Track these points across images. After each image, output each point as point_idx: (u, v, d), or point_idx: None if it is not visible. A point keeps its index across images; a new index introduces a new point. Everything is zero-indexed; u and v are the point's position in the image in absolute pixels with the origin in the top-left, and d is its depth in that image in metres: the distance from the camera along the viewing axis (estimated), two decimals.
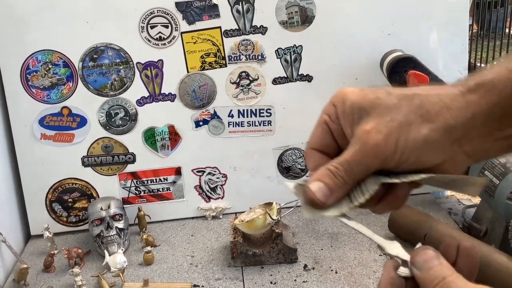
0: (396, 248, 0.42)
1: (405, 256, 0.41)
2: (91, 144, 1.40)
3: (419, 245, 0.42)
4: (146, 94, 1.38)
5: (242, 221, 1.19)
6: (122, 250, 1.24)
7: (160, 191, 1.45)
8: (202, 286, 1.15)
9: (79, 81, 1.35)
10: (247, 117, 1.41)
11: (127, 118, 1.39)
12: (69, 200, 1.42)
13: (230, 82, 1.38)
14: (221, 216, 1.46)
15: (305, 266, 1.19)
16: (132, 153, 1.41)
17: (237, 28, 1.34)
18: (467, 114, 0.41)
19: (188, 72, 1.37)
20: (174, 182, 1.45)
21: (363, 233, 0.46)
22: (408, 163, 0.43)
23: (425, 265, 0.39)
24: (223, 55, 1.36)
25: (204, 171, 1.45)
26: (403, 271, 0.41)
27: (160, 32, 1.33)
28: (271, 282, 1.14)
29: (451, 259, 0.40)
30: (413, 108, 0.42)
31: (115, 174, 1.42)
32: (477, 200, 1.38)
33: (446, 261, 0.39)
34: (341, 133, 0.46)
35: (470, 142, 0.43)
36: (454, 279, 0.37)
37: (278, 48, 1.37)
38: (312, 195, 0.44)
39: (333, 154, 0.46)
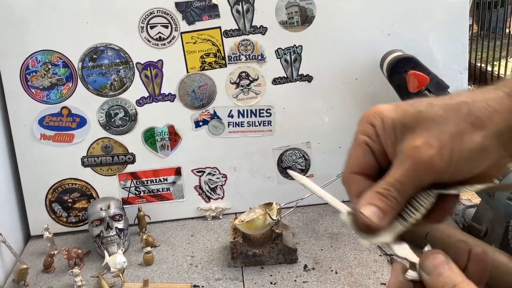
0: (404, 250, 0.41)
1: (414, 258, 0.40)
2: (91, 144, 1.40)
3: (428, 247, 0.41)
4: (146, 94, 1.37)
5: (242, 221, 1.19)
6: (122, 250, 1.24)
7: (160, 191, 1.45)
8: (202, 286, 1.15)
9: (79, 81, 1.35)
10: (247, 117, 1.41)
11: (127, 118, 1.39)
12: (69, 200, 1.42)
13: (230, 82, 1.38)
14: (221, 217, 1.46)
15: (305, 266, 1.19)
16: (132, 153, 1.41)
17: (237, 28, 1.34)
18: (510, 120, 0.40)
19: (188, 72, 1.37)
20: (174, 183, 1.45)
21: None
22: (462, 173, 0.41)
23: (435, 270, 0.38)
24: (223, 55, 1.36)
25: (204, 171, 1.45)
26: (411, 274, 0.40)
27: (160, 32, 1.33)
28: (271, 283, 1.14)
29: (461, 264, 0.39)
30: (462, 117, 0.40)
31: (115, 174, 1.42)
32: (477, 200, 1.38)
33: (456, 267, 0.38)
34: (383, 154, 0.44)
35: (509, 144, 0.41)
36: (465, 287, 0.36)
37: (278, 48, 1.37)
38: (366, 220, 0.41)
39: (374, 176, 0.44)
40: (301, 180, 0.47)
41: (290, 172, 0.48)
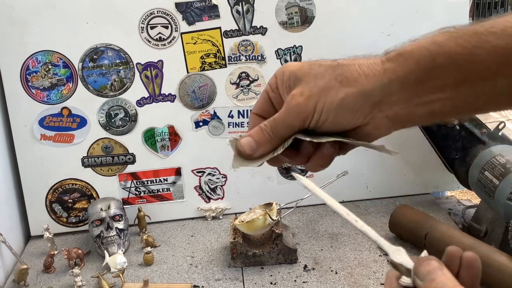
0: (400, 255, 0.41)
1: (409, 264, 0.40)
2: (91, 145, 1.40)
3: (424, 253, 0.41)
4: (146, 94, 1.38)
5: (242, 221, 1.19)
6: (122, 250, 1.24)
7: (160, 192, 1.45)
8: (202, 286, 1.15)
9: (79, 82, 1.35)
10: (247, 117, 1.41)
11: (127, 118, 1.39)
12: (69, 200, 1.42)
13: (230, 83, 1.38)
14: (221, 217, 1.46)
15: (305, 266, 1.19)
16: (132, 153, 1.41)
17: (237, 28, 1.34)
18: (383, 80, 0.46)
19: (188, 72, 1.37)
20: (174, 183, 1.45)
21: (366, 233, 0.47)
22: (327, 123, 0.48)
23: (428, 276, 0.38)
24: (223, 55, 1.36)
25: (204, 172, 1.45)
26: (405, 280, 0.40)
27: (160, 33, 1.33)
28: (271, 283, 1.14)
29: (454, 269, 0.40)
30: (334, 75, 0.48)
31: (115, 175, 1.42)
32: (477, 200, 1.38)
33: (449, 272, 0.38)
34: (280, 101, 0.52)
35: (391, 107, 0.47)
36: None
37: (278, 49, 1.37)
38: (241, 148, 0.51)
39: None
40: (303, 182, 0.52)
41: (294, 174, 0.54)
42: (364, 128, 0.49)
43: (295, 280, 1.14)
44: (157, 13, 1.32)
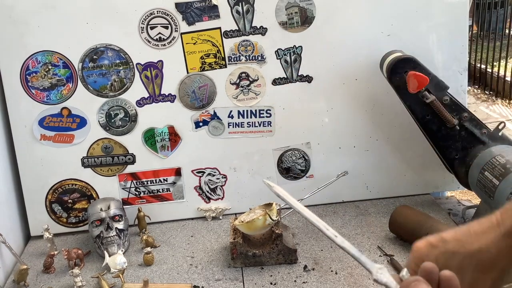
0: (383, 275, 0.42)
1: (393, 284, 0.42)
2: (91, 145, 1.40)
3: (405, 271, 0.42)
4: (146, 95, 1.38)
5: (242, 221, 1.19)
6: (122, 251, 1.24)
7: (160, 192, 1.45)
8: (202, 287, 1.15)
9: (79, 82, 1.35)
10: (247, 118, 1.41)
11: (127, 119, 1.39)
12: (69, 201, 1.42)
13: (230, 83, 1.38)
14: (221, 217, 1.46)
15: (305, 267, 1.19)
16: (132, 154, 1.41)
17: (237, 28, 1.34)
18: (506, 260, 0.47)
19: (188, 73, 1.37)
20: (174, 183, 1.45)
21: (346, 249, 0.45)
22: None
23: None
24: (223, 55, 1.36)
25: (204, 172, 1.45)
26: None
27: (160, 33, 1.33)
28: (271, 283, 1.14)
29: (433, 286, 0.42)
30: (474, 268, 0.47)
31: (115, 175, 1.42)
32: (477, 201, 1.38)
33: None
34: None
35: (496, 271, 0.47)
36: None
37: (278, 49, 1.37)
38: None
39: None
40: (277, 191, 0.50)
41: (265, 181, 0.50)
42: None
43: (295, 281, 1.14)
44: (157, 13, 1.32)
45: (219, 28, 1.34)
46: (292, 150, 1.44)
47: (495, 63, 3.78)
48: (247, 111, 1.41)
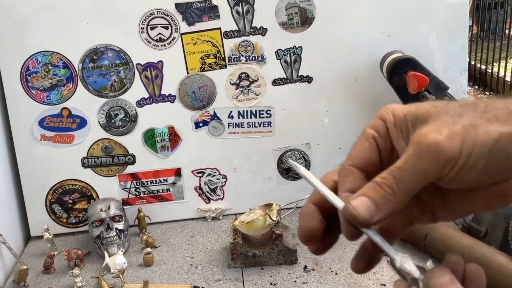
0: (408, 264, 0.38)
1: (417, 273, 0.38)
2: (91, 145, 1.40)
3: (429, 262, 0.39)
4: (146, 95, 1.38)
5: (242, 222, 1.19)
6: (122, 251, 1.24)
7: (160, 192, 1.45)
8: (202, 287, 1.15)
9: (79, 82, 1.35)
10: (247, 118, 1.41)
11: (127, 119, 1.39)
12: (69, 201, 1.42)
13: (230, 83, 1.38)
14: (221, 217, 1.46)
15: (305, 267, 1.19)
16: (132, 154, 1.41)
17: (237, 29, 1.34)
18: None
19: (188, 73, 1.37)
20: (174, 183, 1.45)
21: (370, 235, 0.40)
22: (473, 172, 0.36)
23: None
24: (223, 56, 1.36)
25: (204, 172, 1.45)
26: None
27: (160, 33, 1.33)
28: (271, 283, 1.14)
29: (458, 280, 0.37)
30: (478, 113, 0.37)
31: (115, 175, 1.42)
32: None
33: (461, 286, 0.35)
34: (389, 152, 0.40)
35: None
36: None
37: (278, 49, 1.37)
38: (354, 212, 0.37)
39: (373, 175, 0.39)
40: (303, 173, 0.44)
41: (291, 162, 0.44)
42: (502, 186, 0.38)
43: (295, 281, 1.14)
44: (157, 13, 1.32)
45: (219, 28, 1.34)
46: (292, 150, 1.45)
47: (495, 64, 3.78)
48: (247, 111, 1.41)
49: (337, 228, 0.42)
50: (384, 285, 1.10)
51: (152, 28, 1.33)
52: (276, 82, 1.39)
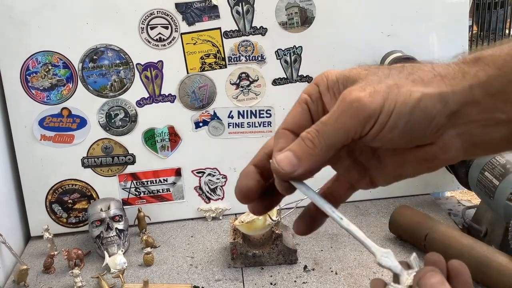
0: (389, 259, 0.38)
1: (397, 269, 0.38)
2: (91, 145, 1.40)
3: (412, 256, 0.39)
4: (146, 95, 1.38)
5: (242, 222, 1.19)
6: (122, 251, 1.24)
7: (160, 192, 1.45)
8: (202, 287, 1.15)
9: (79, 82, 1.35)
10: (247, 118, 1.41)
11: (127, 119, 1.39)
12: (69, 201, 1.42)
13: (230, 83, 1.38)
14: (221, 217, 1.46)
15: (305, 267, 1.19)
16: (132, 154, 1.41)
17: (237, 29, 1.34)
18: (463, 84, 0.37)
19: (188, 73, 1.37)
20: (174, 183, 1.45)
21: (352, 232, 0.40)
22: (396, 131, 0.37)
23: None
24: (223, 56, 1.36)
25: (204, 172, 1.45)
26: (394, 287, 0.37)
27: (160, 33, 1.33)
28: (271, 283, 1.14)
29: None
30: (404, 74, 0.38)
31: (115, 175, 1.42)
32: (477, 201, 1.38)
33: (450, 287, 0.35)
34: (322, 114, 0.41)
35: (466, 123, 0.38)
36: None
37: (278, 49, 1.37)
38: (277, 166, 0.39)
39: None
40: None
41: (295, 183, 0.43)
42: (428, 149, 0.39)
43: (295, 281, 1.14)
44: (157, 13, 1.32)
45: (219, 28, 1.34)
46: None
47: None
48: (247, 111, 1.41)
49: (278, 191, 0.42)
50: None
51: (152, 28, 1.33)
52: (276, 82, 1.39)
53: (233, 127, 1.42)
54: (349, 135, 0.38)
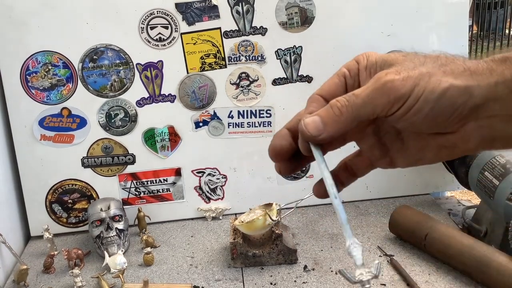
0: (356, 249, 0.41)
1: (359, 261, 0.41)
2: (91, 145, 1.40)
3: (377, 262, 0.41)
4: (146, 95, 1.38)
5: (242, 222, 1.19)
6: (122, 251, 1.24)
7: (160, 192, 1.45)
8: (202, 287, 1.15)
9: (79, 82, 1.35)
10: (247, 118, 1.41)
11: (127, 119, 1.39)
12: (69, 201, 1.42)
13: (230, 83, 1.38)
14: (221, 217, 1.46)
15: (305, 267, 1.19)
16: (132, 154, 1.41)
17: (237, 29, 1.34)
18: (489, 80, 0.39)
19: (188, 73, 1.37)
20: (174, 183, 1.45)
21: (338, 213, 0.43)
22: (418, 116, 0.40)
23: None
24: (223, 56, 1.36)
25: (204, 172, 1.45)
26: (348, 274, 0.41)
27: (160, 33, 1.33)
28: (271, 283, 1.14)
29: None
30: (437, 64, 0.41)
31: (115, 175, 1.42)
32: (477, 201, 1.38)
33: None
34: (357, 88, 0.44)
35: (488, 117, 0.40)
36: None
37: (278, 49, 1.37)
38: (304, 128, 0.42)
39: None
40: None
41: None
42: (450, 137, 0.42)
43: (295, 281, 1.14)
44: (157, 13, 1.32)
45: (219, 28, 1.34)
46: None
47: None
48: (247, 111, 1.41)
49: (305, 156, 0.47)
50: (384, 285, 1.10)
51: (152, 28, 1.33)
52: (276, 82, 1.39)
53: (233, 127, 1.42)
54: (375, 111, 0.41)
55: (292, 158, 0.47)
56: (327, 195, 0.45)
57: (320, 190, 0.48)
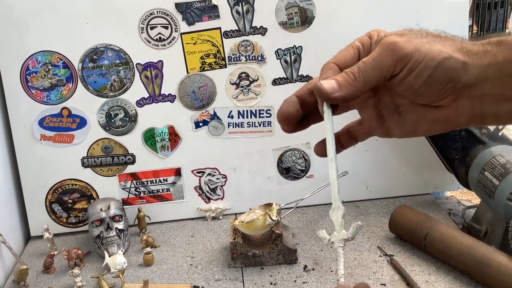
0: (337, 214, 0.49)
1: (338, 226, 0.48)
2: (91, 145, 1.40)
3: (357, 223, 0.46)
4: (146, 95, 1.38)
5: (242, 222, 1.19)
6: (122, 251, 1.24)
7: (160, 192, 1.45)
8: (202, 287, 1.15)
9: (79, 82, 1.35)
10: (247, 118, 1.41)
11: (127, 119, 1.39)
12: (69, 201, 1.42)
13: (230, 83, 1.38)
14: (221, 217, 1.46)
15: (305, 267, 1.19)
16: (132, 154, 1.41)
17: (237, 29, 1.34)
18: (482, 61, 0.43)
19: (188, 73, 1.37)
20: (174, 183, 1.45)
21: (332, 181, 0.51)
22: (417, 81, 0.44)
23: None
24: (223, 56, 1.36)
25: (204, 172, 1.45)
26: (324, 235, 0.48)
27: (160, 33, 1.33)
28: (271, 283, 1.14)
29: None
30: (438, 39, 0.45)
31: (115, 175, 1.42)
32: (477, 200, 1.38)
33: None
34: None
35: (480, 95, 0.44)
36: None
37: (278, 49, 1.37)
38: (320, 86, 0.48)
39: None
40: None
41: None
42: (444, 110, 0.46)
43: (295, 281, 1.14)
44: (157, 13, 1.32)
45: (219, 28, 1.34)
46: (292, 150, 1.44)
47: None
48: (247, 111, 1.41)
49: (309, 120, 0.56)
50: (384, 285, 1.10)
51: (152, 28, 1.33)
52: (276, 82, 1.39)
53: (233, 127, 1.42)
54: (383, 74, 0.46)
55: (297, 123, 0.56)
56: (326, 154, 0.52)
57: (320, 149, 0.55)
